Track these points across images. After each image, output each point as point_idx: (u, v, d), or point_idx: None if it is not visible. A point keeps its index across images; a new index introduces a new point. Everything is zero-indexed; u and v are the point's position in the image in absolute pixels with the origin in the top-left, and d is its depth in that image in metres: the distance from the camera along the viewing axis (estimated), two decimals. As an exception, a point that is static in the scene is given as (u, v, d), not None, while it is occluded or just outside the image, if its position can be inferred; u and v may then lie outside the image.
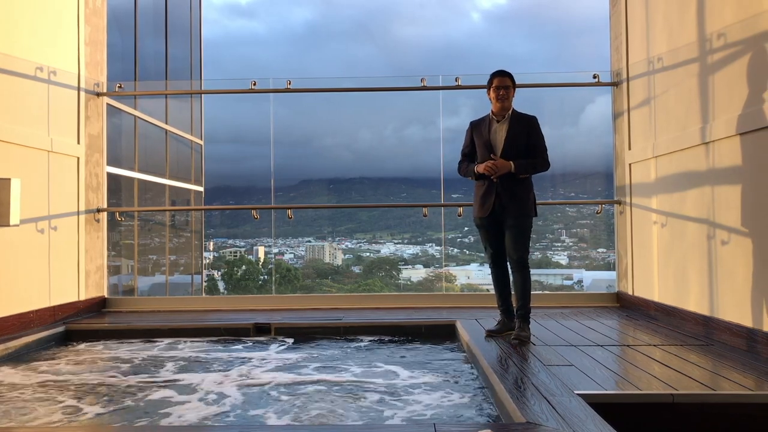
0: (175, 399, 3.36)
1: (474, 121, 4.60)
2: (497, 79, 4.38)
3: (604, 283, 7.32)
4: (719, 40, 4.28)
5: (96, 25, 6.23)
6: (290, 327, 5.18)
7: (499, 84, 4.36)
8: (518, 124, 4.37)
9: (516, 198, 4.31)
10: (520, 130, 4.36)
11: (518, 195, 4.32)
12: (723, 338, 4.14)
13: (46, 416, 3.08)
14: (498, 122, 4.40)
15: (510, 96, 4.37)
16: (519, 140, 4.33)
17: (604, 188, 6.95)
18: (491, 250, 4.48)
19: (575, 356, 3.76)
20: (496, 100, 4.37)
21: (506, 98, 4.35)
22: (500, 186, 4.32)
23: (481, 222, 4.45)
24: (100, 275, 6.25)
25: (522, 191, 4.34)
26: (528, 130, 4.37)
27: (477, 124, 4.54)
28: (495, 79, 4.39)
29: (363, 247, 11.45)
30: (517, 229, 4.31)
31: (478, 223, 4.50)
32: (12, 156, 4.91)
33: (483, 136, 4.43)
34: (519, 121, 4.38)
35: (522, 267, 4.34)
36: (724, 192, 4.22)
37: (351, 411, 3.11)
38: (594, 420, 2.53)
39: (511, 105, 4.42)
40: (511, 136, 4.33)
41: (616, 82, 6.20)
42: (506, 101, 4.36)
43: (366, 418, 3.01)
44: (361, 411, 3.11)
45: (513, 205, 4.30)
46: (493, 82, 4.39)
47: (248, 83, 6.51)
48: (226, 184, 11.66)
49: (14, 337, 4.62)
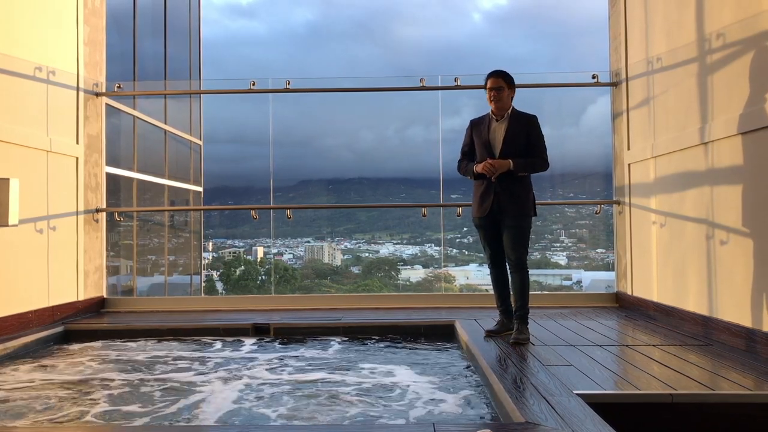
0: (175, 399, 3.36)
1: (474, 119, 4.57)
2: (490, 80, 4.36)
3: (603, 283, 7.32)
4: (718, 40, 4.28)
5: (95, 26, 6.23)
6: (289, 327, 5.18)
7: (491, 85, 4.33)
8: (518, 123, 4.34)
9: (515, 197, 4.28)
10: (520, 129, 4.32)
11: (517, 194, 4.29)
12: (722, 338, 4.14)
13: (45, 416, 3.08)
14: (497, 121, 4.37)
15: (503, 97, 4.32)
16: (518, 139, 4.30)
17: (603, 188, 6.96)
18: (490, 250, 4.45)
19: (574, 356, 3.76)
20: (490, 101, 4.36)
21: (499, 99, 4.31)
22: (499, 186, 4.29)
23: (480, 222, 4.43)
24: (99, 275, 6.24)
25: (521, 190, 4.31)
26: (528, 129, 4.34)
27: (477, 122, 4.51)
28: (488, 80, 4.37)
29: (362, 248, 11.45)
30: (516, 229, 4.29)
31: (477, 223, 4.47)
32: (11, 156, 4.90)
33: (482, 135, 4.40)
34: (518, 120, 4.35)
35: (520, 268, 4.32)
36: (724, 192, 4.22)
37: (350, 411, 3.11)
38: (593, 420, 2.53)
39: (510, 104, 4.38)
40: (510, 135, 4.30)
41: (615, 83, 6.20)
42: (499, 102, 4.32)
43: (365, 417, 3.01)
44: (360, 411, 3.11)
45: (512, 204, 4.28)
46: (487, 83, 4.37)
47: (247, 83, 6.50)
48: (225, 184, 11.66)
49: (13, 337, 4.62)
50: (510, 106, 4.38)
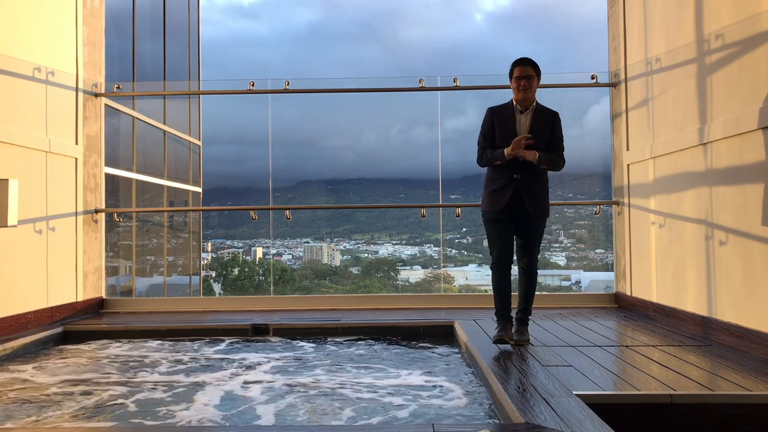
0: (174, 399, 3.36)
1: (493, 107, 4.27)
2: (518, 68, 4.09)
3: (603, 283, 7.33)
4: (717, 41, 4.29)
5: (94, 26, 6.23)
6: (288, 328, 5.18)
7: (520, 74, 4.08)
8: (543, 117, 4.12)
9: (536, 196, 4.08)
10: (545, 124, 4.11)
11: (537, 193, 4.09)
12: (721, 339, 4.14)
13: (45, 416, 3.08)
14: (522, 113, 4.13)
15: (533, 86, 4.08)
16: (543, 134, 4.08)
17: (602, 189, 6.96)
18: (500, 248, 4.14)
19: (574, 357, 3.77)
20: (518, 91, 4.09)
21: (529, 88, 4.06)
22: (521, 182, 4.05)
23: (495, 216, 4.12)
24: (98, 276, 6.24)
25: (541, 189, 4.12)
26: (552, 126, 4.13)
27: (498, 111, 4.22)
28: (516, 68, 4.10)
29: (361, 248, 11.46)
30: (537, 230, 4.13)
31: (492, 218, 4.15)
32: (10, 157, 4.90)
33: (507, 125, 4.12)
34: (543, 114, 4.14)
35: (534, 269, 4.19)
36: (722, 193, 4.22)
37: (349, 411, 3.11)
38: (592, 420, 2.53)
39: (535, 96, 4.14)
40: (536, 129, 4.08)
41: (614, 83, 6.21)
42: (529, 91, 4.07)
43: (364, 418, 3.01)
44: (360, 411, 3.11)
45: (534, 203, 4.06)
46: (514, 71, 4.11)
47: (247, 84, 6.50)
48: (224, 185, 11.67)
49: (12, 338, 4.61)
50: (534, 97, 4.15)
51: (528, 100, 4.11)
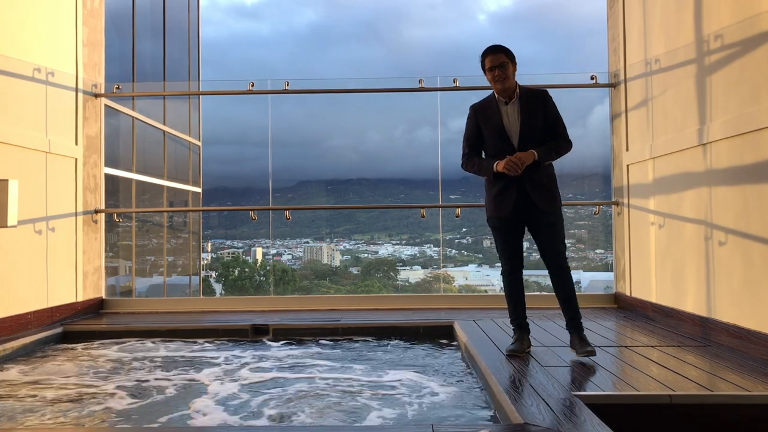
0: (174, 399, 3.36)
1: (475, 104, 3.91)
2: (489, 57, 3.71)
3: (602, 284, 7.33)
4: (716, 41, 4.29)
5: (94, 27, 6.23)
6: (288, 328, 5.18)
7: (492, 63, 3.69)
8: (530, 102, 3.74)
9: (545, 190, 3.72)
10: (534, 109, 3.72)
11: (546, 186, 3.73)
12: (720, 339, 4.14)
13: (44, 417, 3.08)
14: (506, 104, 3.77)
15: (509, 73, 3.70)
16: (535, 121, 3.71)
17: (602, 189, 6.96)
18: (511, 254, 3.85)
19: (573, 357, 3.76)
20: (495, 82, 3.72)
21: (505, 77, 3.69)
22: (524, 179, 3.68)
23: (499, 223, 3.81)
24: (98, 276, 6.24)
25: (549, 182, 3.76)
26: (543, 107, 3.74)
27: (480, 107, 3.86)
28: (486, 58, 3.72)
29: (361, 248, 11.47)
30: (554, 225, 3.76)
31: (496, 225, 3.84)
32: (10, 157, 4.90)
33: (493, 122, 3.77)
34: (530, 98, 3.75)
35: (565, 266, 3.76)
36: (722, 193, 4.23)
37: (349, 411, 3.11)
38: (591, 421, 2.53)
39: (515, 82, 3.77)
40: (526, 119, 3.70)
41: (614, 84, 6.21)
42: (507, 80, 3.70)
43: (364, 418, 3.01)
44: (359, 411, 3.11)
45: (543, 198, 3.71)
46: (486, 62, 3.73)
47: (247, 84, 6.50)
48: (224, 185, 11.68)
49: (12, 339, 4.62)
50: (515, 84, 3.77)
51: (509, 90, 3.74)
